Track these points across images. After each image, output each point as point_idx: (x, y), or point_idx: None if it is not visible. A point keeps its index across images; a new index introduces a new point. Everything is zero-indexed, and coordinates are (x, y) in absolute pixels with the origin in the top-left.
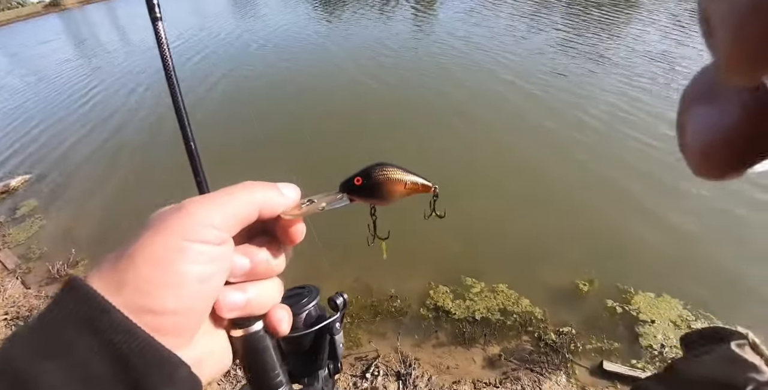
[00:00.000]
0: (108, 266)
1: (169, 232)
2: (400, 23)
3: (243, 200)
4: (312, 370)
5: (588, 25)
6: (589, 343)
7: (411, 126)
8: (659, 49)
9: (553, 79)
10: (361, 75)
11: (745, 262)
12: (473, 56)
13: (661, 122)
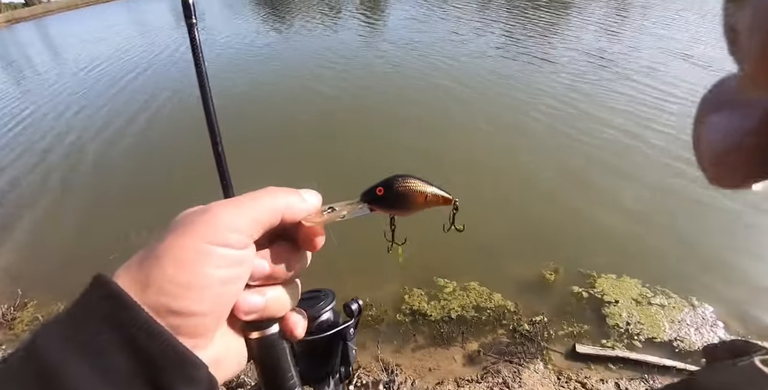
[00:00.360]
0: (134, 265)
1: (194, 234)
2: (348, 32)
3: (266, 205)
4: (323, 375)
5: (527, 27)
6: (561, 329)
7: (355, 135)
8: (595, 46)
9: (496, 81)
10: (312, 85)
11: (695, 239)
12: (420, 63)
13: (596, 120)
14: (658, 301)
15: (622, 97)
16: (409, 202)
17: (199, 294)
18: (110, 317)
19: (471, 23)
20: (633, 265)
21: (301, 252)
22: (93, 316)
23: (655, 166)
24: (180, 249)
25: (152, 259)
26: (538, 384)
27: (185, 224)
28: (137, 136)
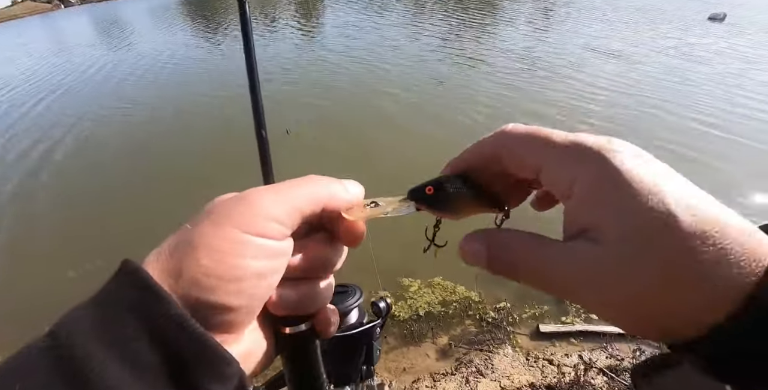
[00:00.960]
0: (166, 253)
1: (231, 222)
2: (281, 42)
3: (308, 194)
4: (346, 372)
5: (459, 29)
6: (524, 312)
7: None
8: (522, 45)
9: (433, 83)
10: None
11: None
12: (358, 69)
13: (530, 113)
14: None
15: (551, 92)
16: (459, 205)
17: (234, 287)
18: (139, 308)
19: (408, 28)
20: None
21: (338, 246)
22: (121, 306)
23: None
24: (215, 238)
25: (185, 248)
26: (509, 367)
27: (221, 212)
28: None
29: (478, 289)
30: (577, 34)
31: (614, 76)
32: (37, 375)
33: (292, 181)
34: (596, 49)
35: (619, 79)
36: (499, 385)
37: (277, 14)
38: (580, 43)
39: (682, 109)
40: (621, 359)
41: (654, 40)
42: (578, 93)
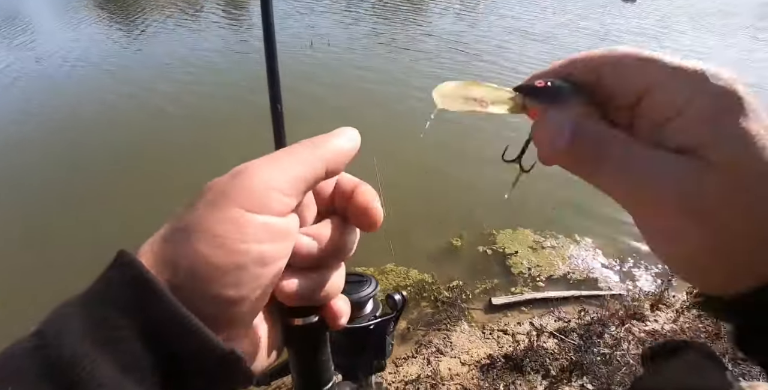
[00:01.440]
0: (160, 242)
1: (228, 200)
2: (210, 34)
3: (306, 156)
4: (357, 365)
5: (390, 18)
6: (476, 288)
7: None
8: (450, 31)
9: (364, 73)
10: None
11: (566, 185)
12: (288, 63)
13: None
14: (549, 243)
15: (476, 76)
16: (572, 101)
17: (235, 277)
18: (133, 306)
19: (333, 16)
20: (523, 217)
21: (351, 231)
22: (114, 303)
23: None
24: (212, 221)
25: (181, 235)
26: (467, 342)
27: (217, 189)
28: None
29: (430, 270)
30: (502, 17)
31: (539, 58)
32: (23, 376)
33: (287, 149)
34: (520, 31)
35: (544, 60)
36: (459, 361)
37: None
38: (504, 26)
39: None
40: (568, 321)
41: (574, 21)
42: (505, 78)
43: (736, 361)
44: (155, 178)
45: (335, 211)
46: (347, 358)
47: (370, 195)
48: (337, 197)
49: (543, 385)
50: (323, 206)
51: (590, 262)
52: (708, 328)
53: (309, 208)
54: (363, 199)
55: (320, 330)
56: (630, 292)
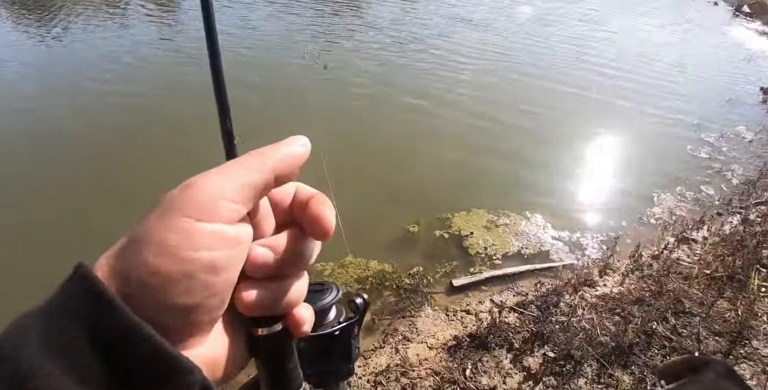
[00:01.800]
0: (114, 255)
1: (177, 211)
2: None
3: (254, 166)
4: (327, 372)
5: (332, 10)
6: (436, 272)
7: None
8: (391, 19)
9: (308, 65)
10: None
11: (511, 166)
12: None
13: (404, 85)
14: (502, 222)
15: (422, 63)
16: None
17: (185, 285)
18: (89, 317)
19: (265, 9)
20: (475, 198)
21: (310, 241)
22: (71, 316)
23: (464, 115)
24: (162, 231)
25: (132, 246)
26: (432, 326)
27: (167, 202)
28: None
29: (390, 259)
30: (441, 5)
31: (478, 45)
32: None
33: (236, 159)
34: (459, 19)
35: (482, 47)
36: (426, 346)
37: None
38: (444, 13)
39: (540, 71)
40: (526, 294)
41: (510, 6)
42: (448, 64)
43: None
44: (83, 187)
45: (294, 222)
46: (316, 366)
47: (322, 205)
48: (295, 208)
49: (508, 358)
50: (282, 218)
51: (542, 236)
52: (651, 288)
53: (267, 220)
54: (315, 209)
55: (285, 338)
56: (580, 261)
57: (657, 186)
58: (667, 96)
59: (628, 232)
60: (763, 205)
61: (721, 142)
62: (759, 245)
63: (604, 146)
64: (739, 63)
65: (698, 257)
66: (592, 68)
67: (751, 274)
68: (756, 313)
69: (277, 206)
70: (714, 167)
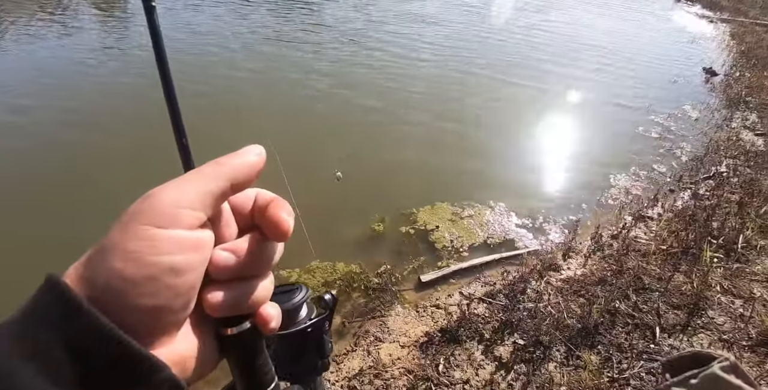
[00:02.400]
0: (82, 263)
1: (138, 221)
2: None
3: (211, 175)
4: (303, 369)
5: (286, 13)
6: (404, 269)
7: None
8: (340, 15)
9: (267, 66)
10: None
11: (472, 160)
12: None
13: (361, 84)
14: (467, 213)
15: (377, 62)
16: None
17: (149, 287)
18: (59, 323)
19: (215, 10)
20: (439, 192)
21: (271, 243)
22: (42, 321)
23: (422, 112)
24: (125, 239)
25: (98, 254)
26: (403, 324)
27: (129, 213)
28: None
29: (357, 260)
30: (396, 2)
31: (433, 41)
32: None
33: (194, 170)
34: (413, 16)
35: (438, 42)
36: (398, 345)
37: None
38: (398, 11)
39: (493, 64)
40: (493, 284)
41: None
42: (403, 61)
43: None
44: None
45: (255, 226)
46: (291, 362)
47: (280, 208)
48: (255, 213)
49: (479, 350)
50: (244, 223)
51: (506, 224)
52: (612, 267)
53: (229, 225)
54: (273, 212)
55: (254, 336)
56: (544, 246)
57: (612, 168)
58: (617, 82)
59: (588, 214)
60: (711, 180)
61: (670, 122)
62: (709, 218)
63: (561, 134)
64: (683, 45)
65: (654, 234)
66: (543, 58)
67: (703, 247)
68: (710, 284)
69: (238, 212)
70: (664, 146)
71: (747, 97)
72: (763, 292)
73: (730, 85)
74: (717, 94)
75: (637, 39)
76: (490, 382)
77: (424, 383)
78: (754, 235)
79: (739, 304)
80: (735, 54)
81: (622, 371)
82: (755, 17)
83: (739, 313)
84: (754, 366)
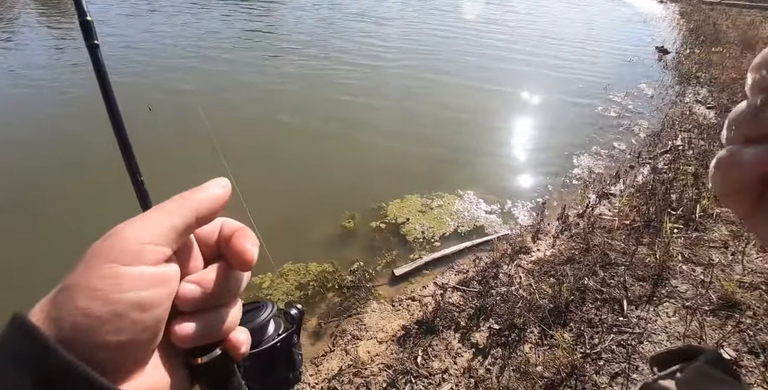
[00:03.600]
0: (48, 302)
1: (102, 259)
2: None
3: (175, 210)
4: (275, 385)
5: (248, 14)
6: (378, 264)
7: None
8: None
9: (235, 65)
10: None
11: (438, 149)
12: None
13: (330, 78)
14: (436, 204)
15: (336, 62)
16: None
17: (115, 324)
18: (27, 361)
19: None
20: (407, 185)
21: (236, 273)
22: (11, 359)
23: (386, 107)
24: (89, 277)
25: (63, 293)
26: (380, 320)
27: (92, 251)
28: None
29: (329, 259)
30: (358, 3)
31: (398, 42)
32: None
33: (157, 206)
34: (372, 17)
35: (397, 41)
36: (376, 341)
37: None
38: (359, 10)
39: (461, 51)
40: (466, 271)
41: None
42: (369, 50)
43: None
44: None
45: (221, 255)
46: (263, 379)
47: (243, 238)
48: (221, 243)
49: (456, 338)
50: (209, 254)
51: (475, 212)
52: (579, 245)
53: (195, 258)
54: (237, 243)
55: (225, 361)
56: (513, 230)
57: (575, 148)
58: (575, 64)
59: (554, 195)
60: (668, 154)
61: (627, 101)
62: (668, 191)
63: (524, 120)
64: (635, 25)
65: (618, 210)
66: (504, 46)
67: (663, 219)
68: (672, 254)
69: (203, 242)
70: (623, 124)
71: (697, 73)
72: (721, 257)
73: (681, 62)
74: (670, 71)
75: (592, 23)
76: (468, 369)
77: (403, 376)
78: (710, 203)
79: (700, 271)
80: (684, 32)
81: (593, 346)
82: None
83: (700, 279)
84: (717, 329)
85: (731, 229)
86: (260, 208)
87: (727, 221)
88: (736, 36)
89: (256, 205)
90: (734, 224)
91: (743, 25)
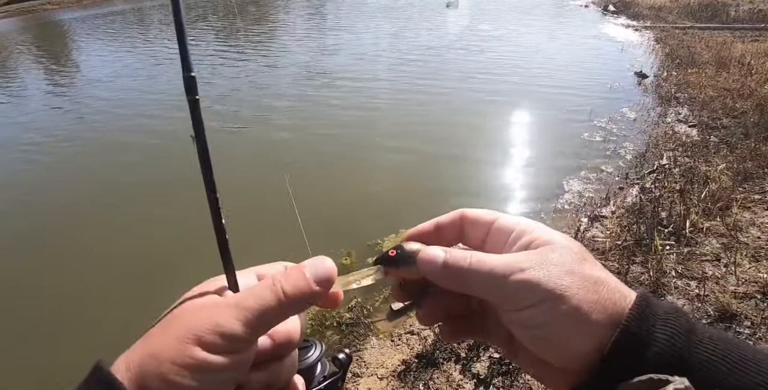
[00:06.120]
0: (135, 364)
1: (190, 338)
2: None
3: (268, 303)
4: None
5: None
6: (375, 300)
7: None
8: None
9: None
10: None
11: (429, 182)
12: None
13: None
14: None
15: (332, 94)
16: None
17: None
18: None
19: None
20: (401, 219)
21: (297, 321)
22: None
23: (377, 141)
24: (177, 354)
25: (151, 359)
26: (380, 356)
27: (183, 321)
28: None
29: None
30: (357, 39)
31: (392, 64)
32: None
33: (252, 290)
34: (374, 43)
35: (396, 67)
36: (377, 378)
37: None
38: (353, 44)
39: (445, 85)
40: None
41: (409, 27)
42: (357, 87)
43: None
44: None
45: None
46: None
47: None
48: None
49: (456, 370)
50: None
51: None
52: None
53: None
54: (335, 291)
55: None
56: None
57: (564, 174)
58: (559, 93)
59: (546, 221)
60: (655, 173)
61: (611, 125)
62: (656, 209)
63: (512, 150)
64: (614, 54)
65: (610, 231)
66: (492, 78)
67: (654, 236)
68: (665, 270)
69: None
70: (609, 148)
71: (677, 94)
72: (714, 270)
73: (660, 84)
74: (650, 94)
75: (572, 54)
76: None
77: None
78: (699, 218)
79: (695, 286)
80: (661, 56)
81: None
82: (674, 22)
83: (695, 293)
84: None
85: (722, 241)
86: (257, 242)
87: (717, 234)
88: (710, 57)
89: (252, 239)
90: (724, 237)
91: (716, 45)
